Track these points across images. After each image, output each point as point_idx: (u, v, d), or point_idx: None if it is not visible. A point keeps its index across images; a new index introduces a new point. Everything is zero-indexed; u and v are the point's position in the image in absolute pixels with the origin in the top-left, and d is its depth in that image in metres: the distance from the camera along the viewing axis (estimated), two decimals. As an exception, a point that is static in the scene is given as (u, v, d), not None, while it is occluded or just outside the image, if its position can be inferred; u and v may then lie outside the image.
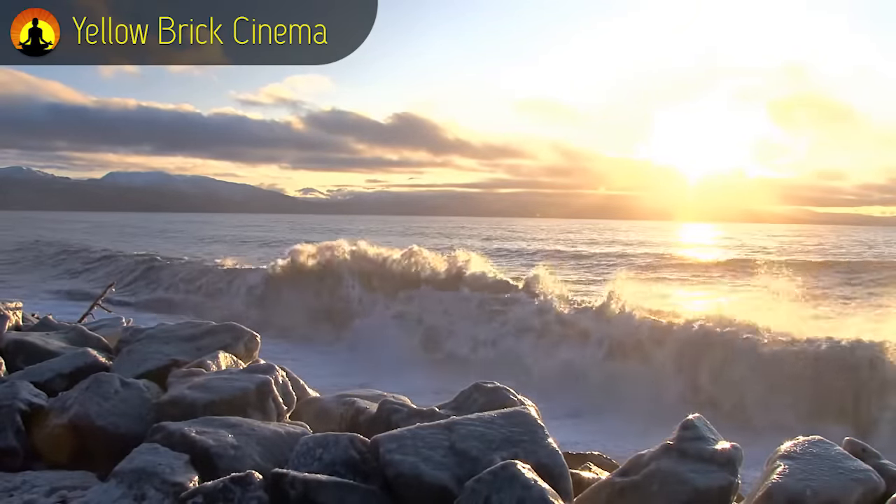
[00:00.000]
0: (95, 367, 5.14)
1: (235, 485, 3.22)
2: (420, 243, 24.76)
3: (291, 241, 38.99)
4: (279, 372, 4.83)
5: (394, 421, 4.25)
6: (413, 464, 3.35)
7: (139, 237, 63.46)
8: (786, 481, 3.39)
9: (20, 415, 4.23)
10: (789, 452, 3.64)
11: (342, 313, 21.62)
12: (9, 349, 5.80)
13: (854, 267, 33.59)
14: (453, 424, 3.64)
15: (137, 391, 4.48)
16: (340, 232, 65.84)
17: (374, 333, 19.17)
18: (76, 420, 4.16)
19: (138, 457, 3.49)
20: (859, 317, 16.01)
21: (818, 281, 24.78)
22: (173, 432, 3.74)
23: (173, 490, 3.28)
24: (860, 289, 25.79)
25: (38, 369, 5.16)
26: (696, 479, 3.44)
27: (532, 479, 3.08)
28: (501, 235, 65.82)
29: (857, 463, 3.57)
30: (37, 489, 3.62)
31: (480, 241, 54.63)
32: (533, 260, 35.44)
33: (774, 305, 15.18)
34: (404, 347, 18.05)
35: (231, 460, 3.64)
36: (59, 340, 6.12)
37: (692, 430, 3.73)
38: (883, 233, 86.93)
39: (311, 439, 3.68)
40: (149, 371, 5.08)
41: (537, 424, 3.71)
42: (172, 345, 5.55)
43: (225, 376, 4.71)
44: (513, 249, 47.11)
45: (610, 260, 36.94)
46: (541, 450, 3.53)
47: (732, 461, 3.56)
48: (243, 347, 5.69)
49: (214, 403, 4.28)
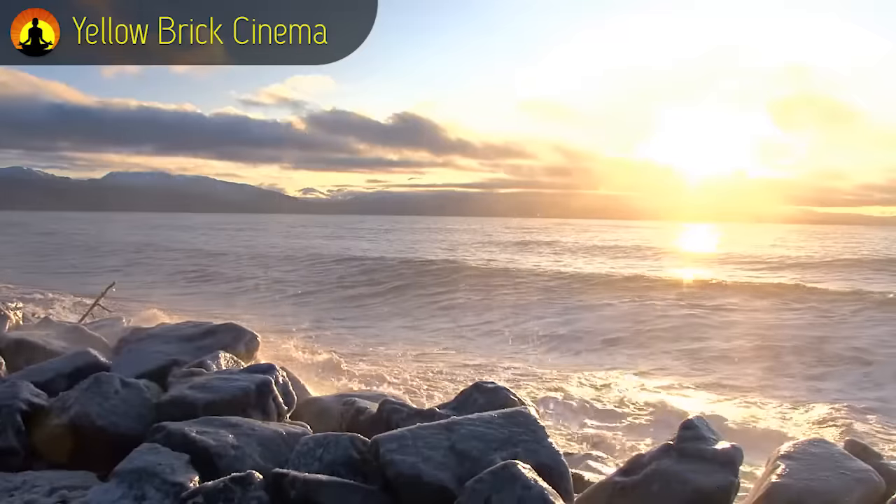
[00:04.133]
0: (96, 366, 5.14)
1: (236, 485, 3.22)
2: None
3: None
4: (279, 372, 4.83)
5: (394, 421, 4.25)
6: (413, 464, 3.34)
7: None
8: (786, 481, 3.40)
9: (21, 415, 4.23)
10: (790, 452, 3.64)
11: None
12: (10, 349, 5.81)
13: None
14: (453, 424, 3.63)
15: (138, 391, 4.48)
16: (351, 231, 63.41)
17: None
18: (76, 420, 4.16)
19: (139, 457, 3.49)
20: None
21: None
22: (174, 432, 3.74)
23: (174, 490, 3.28)
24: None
25: (39, 369, 5.16)
26: (696, 479, 3.44)
27: (532, 479, 3.08)
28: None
29: (858, 463, 3.57)
30: (37, 489, 3.62)
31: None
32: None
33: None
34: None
35: (231, 460, 3.64)
36: (60, 340, 6.12)
37: (692, 430, 3.73)
38: (883, 233, 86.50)
39: (312, 439, 3.68)
40: (149, 371, 5.09)
41: (537, 424, 3.71)
42: (173, 345, 5.56)
43: (225, 376, 4.71)
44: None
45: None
46: (541, 450, 3.53)
47: (733, 461, 3.56)
48: (244, 347, 5.70)
49: (215, 403, 4.29)
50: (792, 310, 16.41)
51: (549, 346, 13.46)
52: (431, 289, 21.48)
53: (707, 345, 12.96)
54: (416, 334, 14.68)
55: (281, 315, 15.98)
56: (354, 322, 16.33)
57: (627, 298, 18.25)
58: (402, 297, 20.37)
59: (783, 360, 11.65)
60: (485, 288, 20.89)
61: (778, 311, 16.22)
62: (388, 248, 39.88)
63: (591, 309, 17.03)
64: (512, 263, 28.36)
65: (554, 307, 17.68)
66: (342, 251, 35.92)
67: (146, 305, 15.01)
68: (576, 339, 14.03)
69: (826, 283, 20.84)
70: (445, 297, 19.96)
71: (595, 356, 12.64)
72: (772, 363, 11.48)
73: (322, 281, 23.96)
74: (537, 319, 15.93)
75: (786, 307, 16.71)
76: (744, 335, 13.52)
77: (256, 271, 26.45)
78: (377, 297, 20.58)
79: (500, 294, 20.06)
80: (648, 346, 13.12)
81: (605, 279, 22.15)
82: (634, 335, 14.04)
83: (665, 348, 12.86)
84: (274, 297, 20.93)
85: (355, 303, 19.91)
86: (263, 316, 15.55)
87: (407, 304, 19.34)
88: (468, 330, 15.21)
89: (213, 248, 38.20)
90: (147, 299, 17.48)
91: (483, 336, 14.59)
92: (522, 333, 14.32)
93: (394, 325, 15.78)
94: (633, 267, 27.92)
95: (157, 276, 26.25)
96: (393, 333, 14.45)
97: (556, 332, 14.58)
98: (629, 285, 20.95)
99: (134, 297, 17.67)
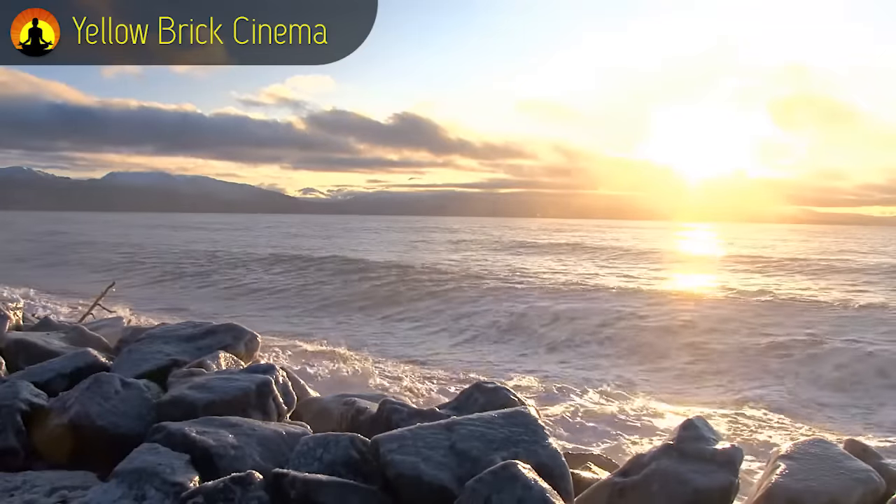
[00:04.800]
0: (96, 367, 5.14)
1: (236, 485, 3.22)
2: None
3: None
4: (279, 372, 4.83)
5: (394, 421, 4.25)
6: (413, 464, 3.34)
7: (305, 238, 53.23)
8: (786, 481, 3.40)
9: (21, 415, 4.23)
10: (789, 452, 3.64)
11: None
12: (10, 349, 5.80)
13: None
14: (454, 424, 3.63)
15: (138, 391, 4.48)
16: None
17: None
18: (77, 420, 4.16)
19: (139, 457, 3.49)
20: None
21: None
22: (174, 432, 3.74)
23: (174, 490, 3.28)
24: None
25: (39, 369, 5.16)
26: (696, 479, 3.44)
27: (532, 479, 3.08)
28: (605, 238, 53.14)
29: (858, 463, 3.57)
30: (37, 489, 3.62)
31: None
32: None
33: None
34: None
35: (231, 460, 3.64)
36: (60, 340, 6.12)
37: (692, 430, 3.73)
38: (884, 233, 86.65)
39: (312, 439, 3.68)
40: (149, 371, 5.08)
41: (537, 424, 3.70)
42: (173, 345, 5.55)
43: (225, 376, 4.71)
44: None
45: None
46: (541, 450, 3.53)
47: (733, 461, 3.56)
48: (244, 347, 5.69)
49: (215, 403, 4.29)
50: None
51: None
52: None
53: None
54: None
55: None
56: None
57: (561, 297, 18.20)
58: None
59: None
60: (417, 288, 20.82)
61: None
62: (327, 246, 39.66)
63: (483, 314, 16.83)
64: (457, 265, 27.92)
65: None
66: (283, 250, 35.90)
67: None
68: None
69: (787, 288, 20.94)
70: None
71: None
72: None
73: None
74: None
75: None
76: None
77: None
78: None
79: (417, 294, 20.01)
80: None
81: (543, 281, 22.02)
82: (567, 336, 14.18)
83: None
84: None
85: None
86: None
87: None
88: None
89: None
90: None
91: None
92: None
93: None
94: (578, 266, 28.08)
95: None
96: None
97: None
98: (561, 280, 21.23)
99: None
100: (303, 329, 15.31)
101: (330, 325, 16.16)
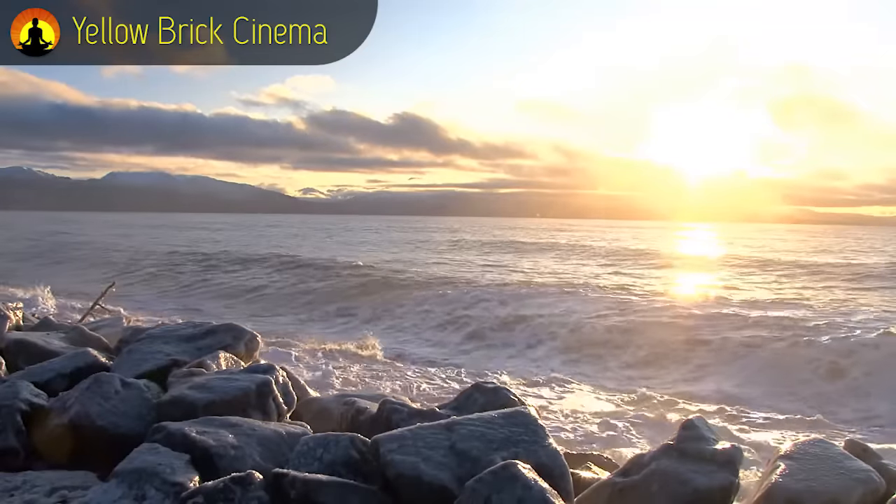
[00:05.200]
0: (96, 367, 5.14)
1: (236, 485, 3.22)
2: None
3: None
4: (279, 372, 4.82)
5: (394, 421, 4.25)
6: (413, 464, 3.34)
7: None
8: (786, 481, 3.39)
9: (21, 415, 4.23)
10: (789, 452, 3.64)
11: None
12: (10, 349, 5.81)
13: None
14: (454, 424, 3.63)
15: (138, 391, 4.48)
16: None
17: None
18: (77, 420, 4.16)
19: (139, 457, 3.49)
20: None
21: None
22: (174, 432, 3.74)
23: (174, 490, 3.28)
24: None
25: (39, 369, 5.16)
26: (696, 479, 3.44)
27: (532, 479, 3.08)
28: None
29: (858, 463, 3.57)
30: (37, 489, 3.62)
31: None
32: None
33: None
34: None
35: (231, 460, 3.64)
36: (60, 340, 6.12)
37: (692, 430, 3.73)
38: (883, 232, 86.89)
39: (312, 439, 3.68)
40: (149, 371, 5.08)
41: (537, 424, 3.70)
42: (173, 345, 5.55)
43: (225, 376, 4.71)
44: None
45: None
46: (541, 450, 3.53)
47: (733, 461, 3.56)
48: (244, 347, 5.69)
49: (215, 403, 4.29)
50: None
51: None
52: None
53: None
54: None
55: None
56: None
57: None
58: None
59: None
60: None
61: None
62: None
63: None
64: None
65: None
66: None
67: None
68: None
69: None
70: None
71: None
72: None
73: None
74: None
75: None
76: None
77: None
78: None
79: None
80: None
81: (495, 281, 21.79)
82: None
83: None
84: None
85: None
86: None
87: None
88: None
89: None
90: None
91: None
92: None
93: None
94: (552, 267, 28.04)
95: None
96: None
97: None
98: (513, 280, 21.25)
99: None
100: (302, 329, 15.37)
101: (330, 325, 16.22)
